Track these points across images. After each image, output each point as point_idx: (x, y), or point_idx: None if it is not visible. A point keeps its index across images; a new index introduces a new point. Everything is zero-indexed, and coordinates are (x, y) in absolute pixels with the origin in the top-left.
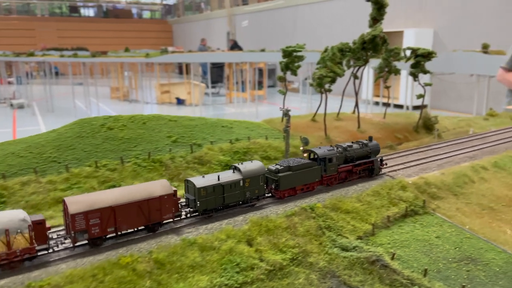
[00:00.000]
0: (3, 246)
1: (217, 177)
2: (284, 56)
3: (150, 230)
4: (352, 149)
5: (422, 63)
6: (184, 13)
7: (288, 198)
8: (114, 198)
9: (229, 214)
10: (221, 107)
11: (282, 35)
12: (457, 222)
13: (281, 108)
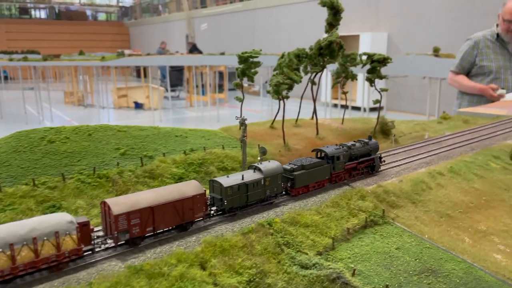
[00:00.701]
0: (53, 248)
1: (241, 177)
2: (240, 62)
3: (182, 229)
4: (356, 148)
5: (378, 69)
6: (141, 16)
7: (242, 214)
8: (152, 199)
9: (180, 236)
10: (181, 111)
11: (242, 38)
12: (416, 232)
13: (237, 117)
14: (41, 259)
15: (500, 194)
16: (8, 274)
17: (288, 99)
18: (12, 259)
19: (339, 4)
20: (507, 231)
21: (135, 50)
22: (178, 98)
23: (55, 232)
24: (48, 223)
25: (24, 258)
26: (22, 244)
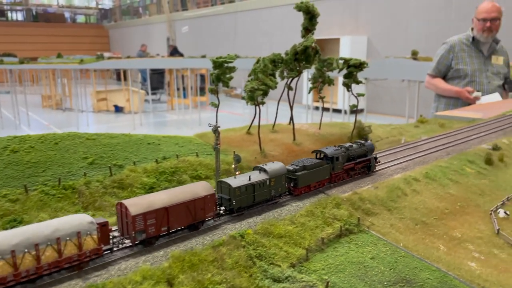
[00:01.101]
0: (75, 247)
1: (248, 178)
2: (215, 67)
3: (194, 228)
4: (353, 149)
5: (355, 73)
6: (121, 18)
7: (215, 225)
8: (167, 200)
9: (147, 250)
10: (162, 114)
11: (223, 41)
12: (391, 240)
13: (210, 124)
14: (64, 258)
15: (475, 199)
16: (33, 274)
17: (263, 104)
18: (37, 259)
19: (315, 9)
20: (482, 238)
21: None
22: (159, 101)
23: (77, 233)
24: (70, 224)
25: (48, 258)
26: (47, 244)
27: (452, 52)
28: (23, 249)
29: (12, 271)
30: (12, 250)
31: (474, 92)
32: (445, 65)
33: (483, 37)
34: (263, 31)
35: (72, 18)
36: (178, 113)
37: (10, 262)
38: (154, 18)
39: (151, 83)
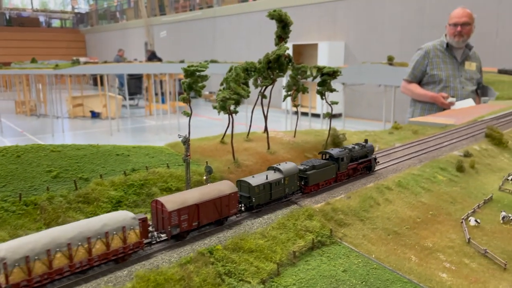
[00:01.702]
0: (120, 241)
1: (265, 177)
2: (186, 75)
3: (219, 223)
4: (356, 150)
5: (328, 81)
6: (98, 22)
7: (184, 241)
8: (197, 197)
9: (110, 270)
10: (140, 120)
11: (202, 46)
12: (363, 251)
13: (179, 135)
14: (111, 251)
15: (446, 207)
16: (86, 265)
17: (236, 113)
18: (89, 251)
19: (288, 17)
20: (453, 247)
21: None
22: (137, 106)
23: (122, 227)
24: (117, 219)
25: (98, 250)
26: (97, 238)
27: (427, 58)
28: (77, 242)
29: (68, 262)
30: (68, 243)
31: (449, 98)
32: (420, 70)
33: (454, 42)
34: (241, 36)
35: (47, 23)
36: (157, 118)
37: (66, 254)
38: (132, 22)
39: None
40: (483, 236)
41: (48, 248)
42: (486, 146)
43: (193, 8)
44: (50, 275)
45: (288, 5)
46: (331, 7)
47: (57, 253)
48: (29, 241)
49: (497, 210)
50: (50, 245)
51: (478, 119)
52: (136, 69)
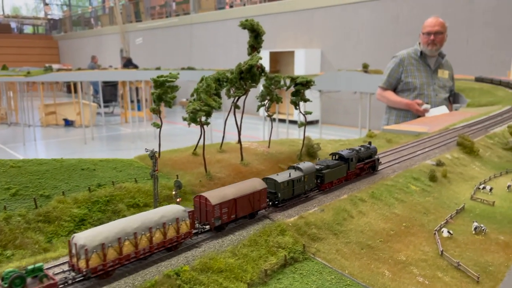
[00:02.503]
0: (174, 231)
1: (289, 175)
2: (156, 86)
3: (251, 216)
4: (362, 151)
5: (302, 91)
6: (72, 29)
7: (149, 261)
8: (235, 192)
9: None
10: (115, 128)
11: (179, 53)
12: (337, 267)
13: (146, 149)
14: (167, 240)
15: (420, 218)
16: (147, 252)
17: (208, 125)
18: (150, 240)
19: (260, 27)
20: (426, 260)
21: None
22: (112, 114)
23: (176, 219)
24: (172, 212)
25: (157, 239)
26: (156, 228)
27: (402, 65)
28: (141, 231)
29: (134, 249)
30: (135, 232)
31: (423, 105)
32: (395, 78)
33: (428, 50)
34: (218, 43)
35: (19, 29)
36: (133, 126)
37: (133, 242)
38: (107, 29)
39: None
40: (456, 248)
41: (119, 236)
42: (458, 154)
43: (169, 15)
44: (120, 260)
45: (265, 13)
46: (307, 15)
47: (126, 241)
48: (103, 231)
49: (469, 220)
50: (120, 234)
51: (450, 127)
52: (111, 76)
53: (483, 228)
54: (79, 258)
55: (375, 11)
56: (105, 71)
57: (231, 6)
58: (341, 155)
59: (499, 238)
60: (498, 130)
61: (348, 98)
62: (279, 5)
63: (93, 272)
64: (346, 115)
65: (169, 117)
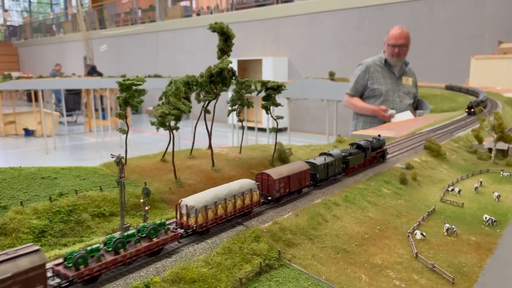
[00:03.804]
0: (249, 199)
1: (324, 159)
2: (122, 90)
3: (299, 192)
4: (374, 142)
5: (273, 96)
6: (32, 36)
7: (116, 274)
8: (288, 171)
9: None
10: (79, 137)
11: (145, 60)
12: (313, 273)
13: (112, 155)
14: (245, 206)
15: (393, 221)
16: (232, 215)
17: (177, 130)
18: (234, 205)
19: (230, 30)
20: (401, 263)
21: (25, 72)
22: (76, 123)
23: (250, 189)
24: (247, 184)
25: (238, 205)
26: (237, 196)
27: (368, 72)
28: (229, 198)
29: (224, 211)
30: (225, 198)
31: (388, 111)
32: (362, 85)
33: (392, 61)
34: (186, 50)
35: None
36: (97, 135)
37: (223, 206)
38: (70, 36)
39: (66, 104)
40: (429, 250)
41: (215, 201)
42: (426, 158)
43: (135, 22)
44: (215, 220)
45: (233, 21)
46: (274, 23)
47: (219, 204)
48: (203, 196)
49: (440, 221)
50: (216, 199)
51: (416, 132)
52: (74, 84)
53: (455, 230)
54: (189, 216)
55: (340, 20)
56: (68, 79)
57: (198, 14)
58: (359, 145)
59: (471, 239)
60: (462, 134)
61: (315, 106)
62: (246, 14)
63: (200, 227)
64: (314, 122)
65: (135, 125)
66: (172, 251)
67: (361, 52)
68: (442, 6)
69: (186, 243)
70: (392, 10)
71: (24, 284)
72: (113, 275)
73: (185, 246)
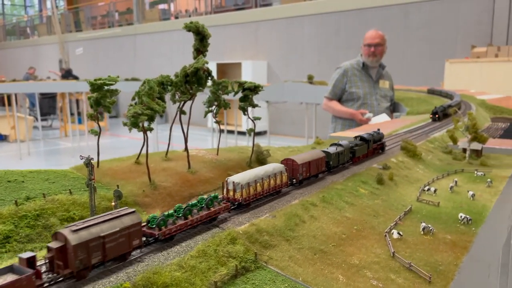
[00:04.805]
0: (280, 180)
1: (335, 148)
2: (93, 90)
3: (316, 176)
4: (375, 135)
5: (250, 97)
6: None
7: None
8: (308, 157)
9: None
10: (54, 142)
11: (122, 63)
12: (290, 274)
13: (81, 156)
14: (276, 185)
15: (370, 221)
16: (267, 192)
17: (151, 131)
18: (268, 183)
19: (205, 29)
20: (378, 263)
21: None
22: (51, 127)
23: (280, 171)
24: (278, 167)
25: (271, 184)
26: (271, 176)
27: (346, 76)
28: (265, 177)
29: (261, 189)
30: (262, 177)
31: (366, 114)
32: (340, 88)
33: (369, 61)
34: (163, 53)
35: None
36: (73, 140)
37: (260, 184)
38: (44, 39)
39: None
40: (406, 249)
41: (255, 179)
42: (402, 158)
43: (112, 25)
44: (255, 195)
45: (211, 25)
46: (253, 27)
47: (257, 182)
48: (246, 175)
49: (417, 221)
50: (255, 178)
51: (392, 133)
52: (49, 87)
53: (431, 228)
54: (235, 191)
55: (319, 25)
56: (42, 83)
57: (177, 17)
58: (363, 137)
59: (447, 238)
60: (438, 135)
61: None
62: (225, 17)
63: (244, 200)
64: (293, 125)
65: (113, 129)
66: (144, 255)
67: (339, 55)
68: (417, 11)
69: (159, 248)
70: (369, 14)
71: (127, 237)
72: (82, 282)
73: (158, 251)
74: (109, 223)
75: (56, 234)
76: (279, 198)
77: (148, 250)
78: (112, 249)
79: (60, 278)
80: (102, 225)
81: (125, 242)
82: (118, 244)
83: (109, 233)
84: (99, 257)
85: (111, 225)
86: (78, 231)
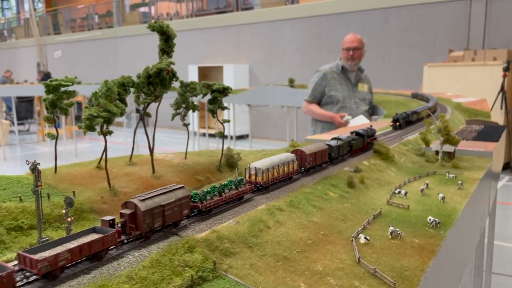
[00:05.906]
0: (291, 168)
1: (336, 141)
2: (48, 91)
3: (319, 165)
4: (369, 131)
5: (220, 99)
6: None
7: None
8: (315, 149)
9: None
10: (31, 147)
11: (102, 66)
12: (250, 284)
13: (28, 161)
14: (289, 172)
15: (338, 226)
16: (282, 178)
17: (111, 134)
18: (283, 170)
19: (170, 29)
20: (343, 269)
21: None
22: (28, 132)
23: (292, 160)
24: (290, 156)
25: (284, 171)
26: (284, 164)
27: (325, 79)
28: (280, 164)
29: (277, 174)
30: (277, 165)
31: (345, 116)
32: (319, 91)
33: (348, 65)
34: (144, 56)
35: None
36: (50, 144)
37: (276, 170)
38: (22, 41)
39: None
40: (372, 254)
41: (272, 166)
42: (375, 161)
43: (91, 28)
44: (273, 179)
45: (192, 28)
46: (234, 30)
47: (274, 169)
48: (265, 162)
49: (385, 224)
50: (272, 164)
51: None
52: (26, 91)
53: (399, 232)
54: (256, 176)
55: (299, 28)
56: (19, 86)
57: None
58: (358, 133)
59: (414, 242)
60: (411, 137)
61: (276, 112)
62: (206, 20)
63: (265, 183)
64: (275, 128)
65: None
66: (92, 266)
67: (321, 59)
68: (397, 15)
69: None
70: (349, 18)
71: (178, 208)
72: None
73: (108, 262)
74: (166, 195)
75: (126, 203)
76: (244, 203)
77: (194, 219)
78: (169, 216)
79: (132, 238)
80: (161, 196)
81: (178, 211)
82: (173, 212)
83: (167, 202)
84: (160, 222)
85: (168, 196)
86: (145, 200)
